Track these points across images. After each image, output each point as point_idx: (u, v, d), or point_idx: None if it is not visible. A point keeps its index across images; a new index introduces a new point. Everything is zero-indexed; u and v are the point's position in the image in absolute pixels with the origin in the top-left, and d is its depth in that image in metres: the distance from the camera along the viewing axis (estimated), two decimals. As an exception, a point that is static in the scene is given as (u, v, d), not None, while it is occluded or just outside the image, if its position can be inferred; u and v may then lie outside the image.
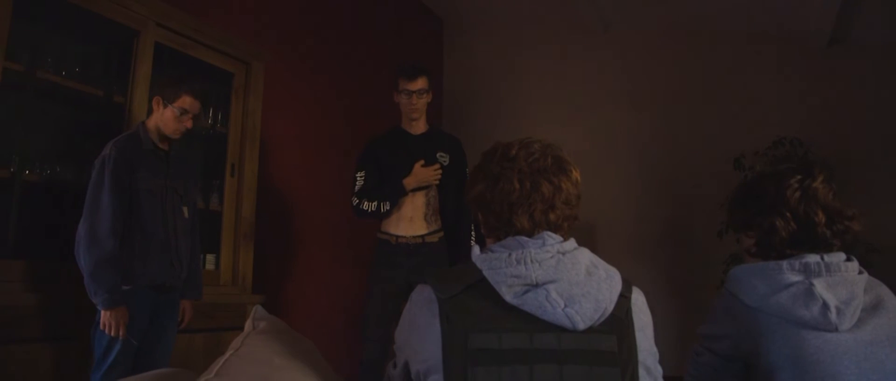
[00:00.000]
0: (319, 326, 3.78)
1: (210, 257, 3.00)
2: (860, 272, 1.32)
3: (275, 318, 1.27)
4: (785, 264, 1.31)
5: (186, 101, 2.27)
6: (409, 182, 2.69)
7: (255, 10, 3.64)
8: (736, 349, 1.34)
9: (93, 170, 2.13)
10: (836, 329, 1.23)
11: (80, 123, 2.57)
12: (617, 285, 1.10)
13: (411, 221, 2.71)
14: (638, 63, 5.04)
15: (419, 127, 2.85)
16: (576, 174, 1.20)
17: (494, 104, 5.42)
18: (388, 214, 2.71)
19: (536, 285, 1.05)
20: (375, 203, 2.69)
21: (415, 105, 2.75)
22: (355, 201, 2.74)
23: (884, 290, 1.33)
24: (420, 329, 1.08)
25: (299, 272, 3.75)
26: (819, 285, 1.26)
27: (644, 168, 4.87)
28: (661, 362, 1.18)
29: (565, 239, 1.14)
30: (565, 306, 1.04)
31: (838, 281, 1.27)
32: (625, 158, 4.95)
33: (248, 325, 1.25)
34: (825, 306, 1.24)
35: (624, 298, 1.11)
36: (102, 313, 2.06)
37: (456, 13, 5.55)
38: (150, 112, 2.30)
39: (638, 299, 1.15)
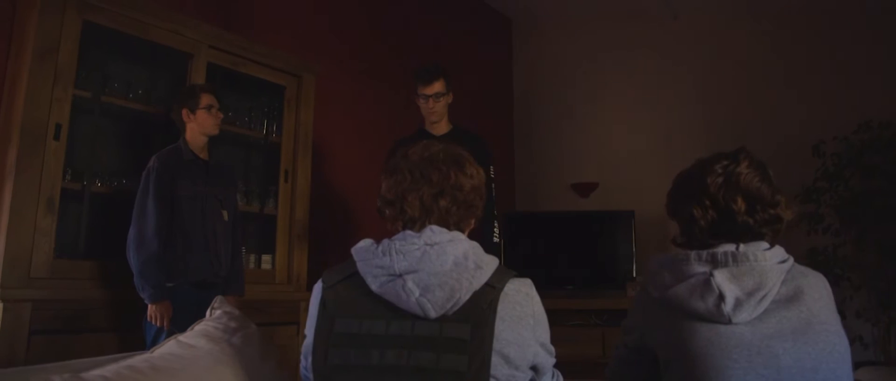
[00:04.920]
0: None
1: (266, 258, 3.25)
2: (783, 261, 1.25)
3: (230, 307, 1.42)
4: (693, 254, 1.27)
5: (206, 98, 2.54)
6: None
7: (313, 20, 3.87)
8: (642, 341, 1.32)
9: (140, 180, 2.42)
10: (730, 321, 1.18)
11: (143, 139, 2.89)
12: (483, 277, 1.13)
13: (432, 220, 2.80)
14: (710, 50, 4.82)
15: (441, 129, 2.93)
16: (472, 170, 1.25)
17: (565, 101, 5.38)
18: (409, 214, 2.82)
19: (398, 275, 1.12)
20: (396, 204, 2.81)
21: (432, 109, 2.85)
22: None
23: (810, 281, 1.24)
24: (310, 315, 1.19)
25: (356, 271, 3.93)
26: (719, 277, 1.20)
27: (716, 159, 4.64)
28: None
29: (451, 230, 1.20)
30: (420, 295, 1.09)
31: (745, 271, 1.21)
32: (697, 149, 4.72)
33: (207, 313, 1.41)
34: (721, 297, 1.19)
35: (490, 288, 1.13)
36: (149, 306, 2.33)
37: (524, 12, 5.56)
38: (183, 128, 2.56)
39: (515, 291, 1.17)
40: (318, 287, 1.20)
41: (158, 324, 2.32)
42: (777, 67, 4.55)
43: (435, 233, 1.17)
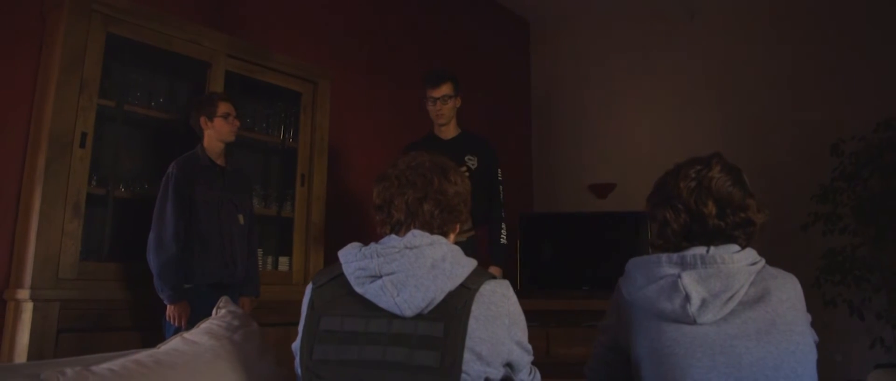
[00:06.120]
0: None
1: (283, 259, 3.35)
2: (754, 263, 1.27)
3: (235, 307, 1.50)
4: (664, 257, 1.30)
5: (223, 106, 2.64)
6: None
7: (329, 25, 3.96)
8: (616, 341, 1.36)
9: (159, 185, 2.53)
10: (694, 322, 1.21)
11: (165, 146, 3.00)
12: (458, 278, 1.19)
13: (440, 223, 2.86)
14: (726, 50, 4.79)
15: (449, 132, 2.99)
16: (456, 178, 1.31)
17: (582, 102, 5.40)
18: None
19: (379, 276, 1.18)
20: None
21: (440, 111, 2.90)
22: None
23: (778, 282, 1.26)
24: (302, 314, 1.27)
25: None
26: (686, 278, 1.24)
27: (733, 159, 4.59)
28: None
29: (434, 233, 1.26)
30: (397, 295, 1.16)
31: (713, 273, 1.24)
32: (713, 149, 4.67)
33: (213, 312, 1.49)
34: (687, 298, 1.22)
35: (465, 289, 1.20)
36: (168, 307, 2.43)
37: (541, 14, 5.59)
38: (201, 135, 2.66)
39: (490, 291, 1.22)
40: (308, 288, 1.28)
41: (177, 324, 2.42)
42: (795, 66, 4.51)
43: (416, 237, 1.24)
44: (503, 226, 2.92)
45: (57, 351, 2.40)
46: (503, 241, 2.90)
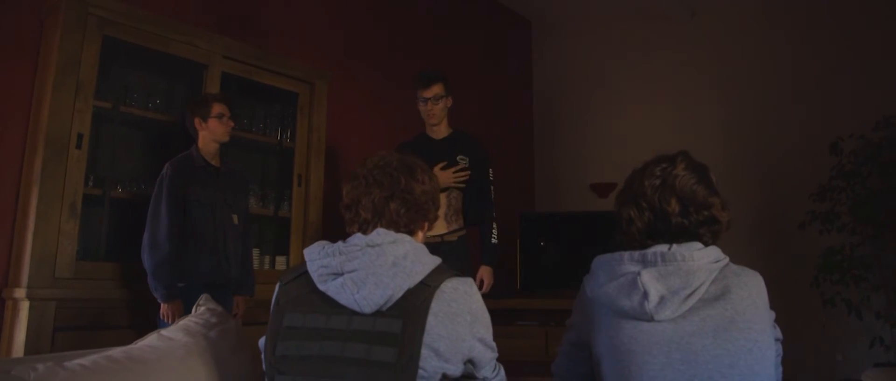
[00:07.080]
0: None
1: (280, 259, 3.38)
2: (716, 261, 1.27)
3: (214, 304, 1.52)
4: (626, 255, 1.30)
5: (217, 107, 2.67)
6: None
7: (330, 25, 3.98)
8: (580, 338, 1.36)
9: (154, 186, 2.56)
10: (652, 319, 1.21)
11: (161, 147, 3.04)
12: (418, 275, 1.21)
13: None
14: (726, 48, 4.78)
15: (441, 131, 3.00)
16: (423, 176, 1.33)
17: (584, 102, 5.40)
18: (411, 214, 2.90)
19: (340, 274, 1.20)
20: (398, 205, 2.90)
21: (431, 111, 2.92)
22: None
23: (740, 280, 1.26)
24: (270, 312, 1.29)
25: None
26: (645, 276, 1.24)
27: (733, 158, 4.59)
28: None
29: (400, 231, 1.28)
30: (357, 292, 1.18)
31: (672, 270, 1.24)
32: (715, 149, 4.68)
33: (193, 310, 1.52)
34: (645, 295, 1.22)
35: (425, 286, 1.21)
36: (162, 305, 2.47)
37: (543, 14, 5.60)
38: (195, 135, 2.69)
39: (452, 289, 1.23)
40: (277, 285, 1.30)
41: (170, 322, 2.45)
42: (795, 65, 4.48)
43: (379, 235, 1.26)
44: (494, 226, 2.93)
45: (53, 349, 2.44)
46: (494, 241, 2.91)
